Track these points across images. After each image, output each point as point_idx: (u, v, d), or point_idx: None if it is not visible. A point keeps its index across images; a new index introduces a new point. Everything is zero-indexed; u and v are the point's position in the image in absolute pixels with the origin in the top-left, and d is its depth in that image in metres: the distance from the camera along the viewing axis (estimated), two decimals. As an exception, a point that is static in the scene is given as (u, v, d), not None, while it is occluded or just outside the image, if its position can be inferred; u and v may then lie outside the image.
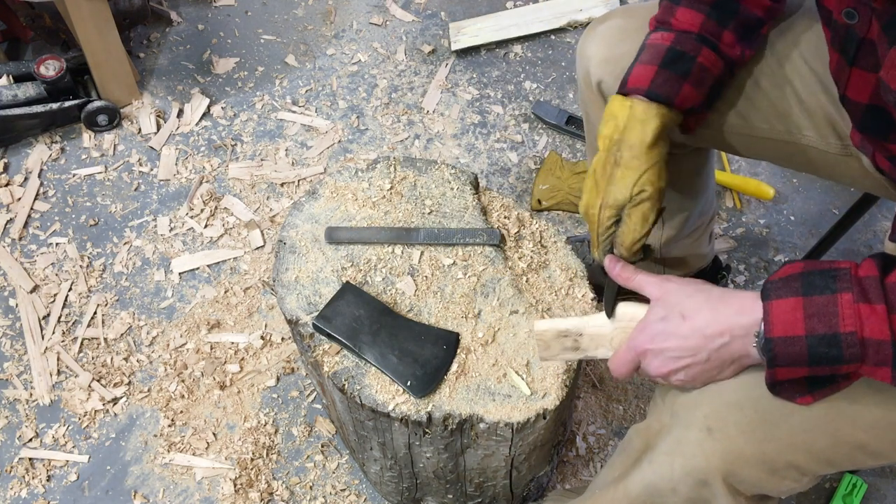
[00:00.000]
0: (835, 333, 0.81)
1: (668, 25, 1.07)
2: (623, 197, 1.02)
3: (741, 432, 0.95)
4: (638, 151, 1.01)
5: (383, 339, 1.16)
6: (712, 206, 1.54)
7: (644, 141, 1.01)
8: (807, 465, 0.96)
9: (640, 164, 1.01)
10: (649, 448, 1.05)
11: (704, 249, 1.59)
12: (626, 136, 1.02)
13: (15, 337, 1.75)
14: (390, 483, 1.43)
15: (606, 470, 1.17)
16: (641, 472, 1.05)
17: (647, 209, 1.02)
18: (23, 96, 1.96)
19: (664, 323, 0.93)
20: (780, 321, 0.84)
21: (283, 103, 2.12)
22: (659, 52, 1.05)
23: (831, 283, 0.82)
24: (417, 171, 1.36)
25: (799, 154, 1.16)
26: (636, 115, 1.02)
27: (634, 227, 1.03)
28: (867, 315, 0.79)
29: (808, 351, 0.82)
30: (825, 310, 0.81)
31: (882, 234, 1.91)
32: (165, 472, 1.60)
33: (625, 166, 1.02)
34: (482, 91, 2.15)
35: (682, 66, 1.04)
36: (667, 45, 1.05)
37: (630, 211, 1.03)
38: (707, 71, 1.05)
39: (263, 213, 1.93)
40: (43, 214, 1.92)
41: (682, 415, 1.00)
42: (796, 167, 1.21)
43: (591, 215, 1.05)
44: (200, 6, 2.32)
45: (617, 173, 1.02)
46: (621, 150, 1.02)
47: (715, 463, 0.96)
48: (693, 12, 1.06)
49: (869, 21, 0.87)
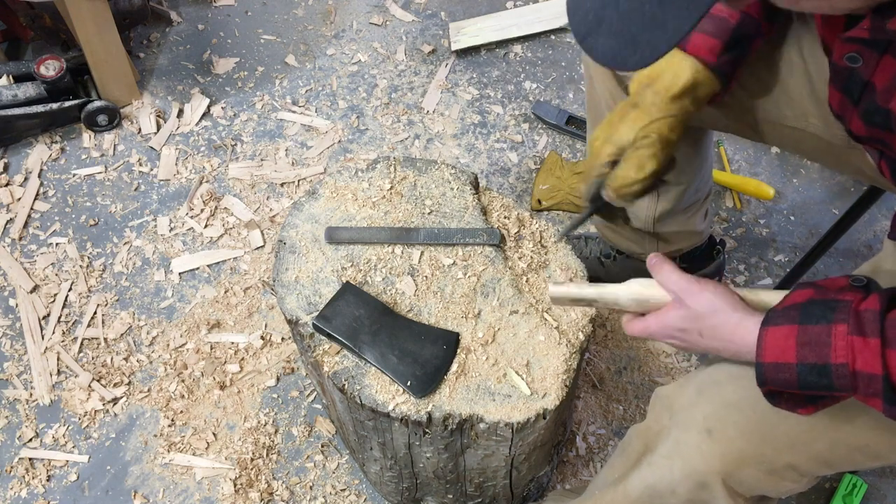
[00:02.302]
0: (825, 364, 0.81)
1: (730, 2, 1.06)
2: (626, 138, 1.01)
3: (740, 433, 0.95)
4: (660, 99, 1.01)
5: (383, 339, 1.16)
6: (708, 183, 1.54)
7: (670, 90, 1.01)
8: (806, 465, 0.96)
9: (656, 111, 1.01)
10: (649, 450, 1.05)
11: (699, 227, 1.59)
12: (655, 82, 1.02)
13: (15, 337, 1.75)
14: (390, 483, 1.43)
15: (606, 470, 1.17)
16: (641, 474, 1.05)
17: (644, 155, 1.01)
18: (23, 96, 1.96)
19: (683, 333, 0.94)
20: (771, 347, 0.85)
21: (283, 103, 2.12)
22: (727, 28, 1.03)
23: (828, 314, 0.82)
24: (417, 171, 1.36)
25: (806, 140, 1.16)
26: (672, 65, 1.02)
27: (628, 171, 1.02)
28: (860, 348, 0.79)
29: (797, 378, 0.83)
30: (818, 339, 0.82)
31: (882, 233, 1.91)
32: (165, 472, 1.60)
33: (642, 109, 1.02)
34: (482, 91, 2.15)
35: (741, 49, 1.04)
36: (733, 24, 1.03)
37: (629, 154, 1.02)
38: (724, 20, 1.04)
39: (263, 213, 1.93)
40: (43, 214, 1.92)
41: (681, 416, 1.00)
42: (802, 154, 1.21)
43: (595, 147, 1.05)
44: (200, 6, 2.32)
45: (631, 114, 1.02)
46: (645, 93, 1.02)
47: (714, 465, 0.96)
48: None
49: (875, 65, 0.86)
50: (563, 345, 1.18)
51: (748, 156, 2.04)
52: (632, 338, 1.56)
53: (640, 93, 1.03)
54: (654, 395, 1.09)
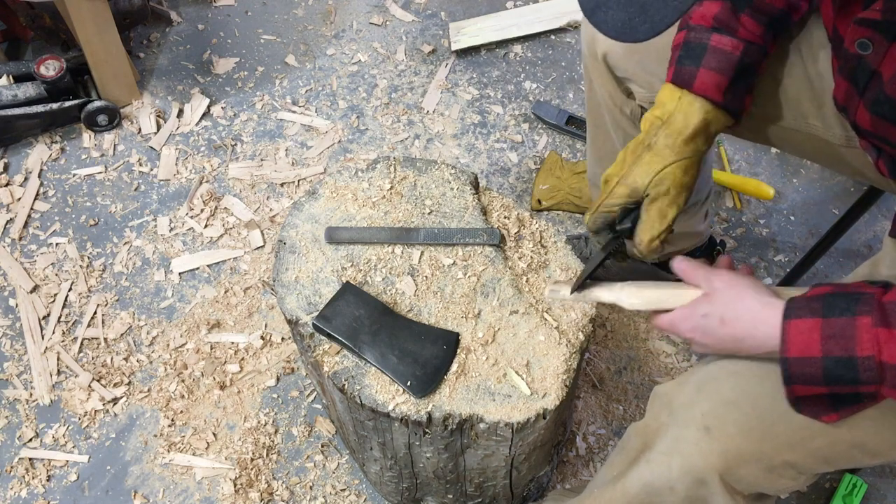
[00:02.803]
0: (851, 357, 0.81)
1: (733, 32, 1.04)
2: (641, 182, 1.02)
3: (739, 431, 0.95)
4: (672, 141, 1.02)
5: (383, 339, 1.16)
6: (708, 184, 1.54)
7: (682, 132, 1.01)
8: (804, 463, 0.96)
9: (670, 154, 1.01)
10: (647, 447, 1.05)
11: (699, 227, 1.60)
12: (667, 123, 1.03)
13: (15, 337, 1.75)
14: (390, 483, 1.43)
15: (605, 469, 1.17)
16: (639, 472, 1.05)
17: (664, 205, 1.02)
18: (23, 96, 1.96)
19: (705, 320, 0.94)
20: (796, 341, 0.84)
21: (283, 103, 2.12)
22: (731, 61, 1.03)
23: (852, 306, 0.82)
24: (417, 171, 1.36)
25: (805, 141, 1.16)
26: (683, 107, 1.02)
27: (652, 225, 1.03)
28: (885, 339, 0.79)
29: (823, 372, 0.83)
30: (843, 332, 0.81)
31: (882, 233, 1.91)
32: (165, 472, 1.60)
33: (655, 152, 1.02)
34: (482, 91, 2.15)
35: (748, 79, 1.04)
36: (738, 56, 1.03)
37: (648, 208, 1.03)
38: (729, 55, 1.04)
39: (263, 213, 1.93)
40: (43, 214, 1.92)
41: (679, 413, 1.01)
42: (801, 154, 1.22)
43: (610, 186, 1.05)
44: (200, 6, 2.32)
45: (646, 157, 1.02)
46: (658, 135, 1.02)
47: (713, 462, 0.97)
48: (753, 22, 1.04)
49: (884, 53, 0.86)
50: (563, 345, 1.18)
51: (748, 156, 2.04)
52: (658, 331, 1.56)
53: (653, 133, 1.03)
54: (653, 392, 1.09)
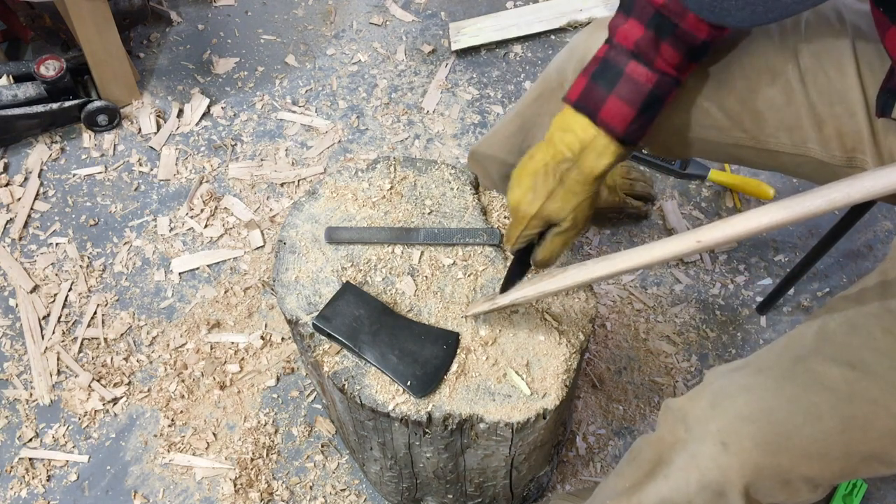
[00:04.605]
0: None
1: (650, 62, 1.01)
2: (557, 218, 1.05)
3: (755, 445, 0.95)
4: (584, 178, 1.03)
5: (383, 339, 1.16)
6: None
7: (593, 173, 1.03)
8: (821, 475, 0.96)
9: (582, 191, 1.04)
10: (663, 462, 1.05)
11: None
12: (579, 160, 1.03)
13: (15, 337, 1.75)
14: (390, 483, 1.43)
15: (614, 478, 1.16)
16: (657, 486, 1.05)
17: (569, 237, 1.07)
18: (23, 96, 1.96)
19: None
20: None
21: (283, 103, 2.12)
22: (642, 93, 1.01)
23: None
24: (417, 171, 1.36)
25: (804, 165, 1.15)
26: (596, 147, 1.02)
27: (553, 250, 1.08)
28: None
29: None
30: None
31: (882, 233, 1.91)
32: (165, 472, 1.60)
33: (568, 189, 1.03)
34: (482, 91, 2.15)
35: (654, 111, 1.03)
36: (650, 88, 1.01)
37: (554, 237, 1.07)
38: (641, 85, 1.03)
39: (263, 213, 1.93)
40: (43, 214, 1.92)
41: (695, 429, 1.00)
42: (798, 176, 1.21)
43: (522, 215, 1.06)
44: (200, 6, 2.32)
45: (559, 193, 1.04)
46: (571, 170, 1.03)
47: (731, 477, 0.97)
48: (673, 51, 1.01)
49: None
50: (563, 345, 1.18)
51: (748, 156, 2.04)
52: None
53: (564, 167, 1.04)
54: (665, 406, 1.08)
